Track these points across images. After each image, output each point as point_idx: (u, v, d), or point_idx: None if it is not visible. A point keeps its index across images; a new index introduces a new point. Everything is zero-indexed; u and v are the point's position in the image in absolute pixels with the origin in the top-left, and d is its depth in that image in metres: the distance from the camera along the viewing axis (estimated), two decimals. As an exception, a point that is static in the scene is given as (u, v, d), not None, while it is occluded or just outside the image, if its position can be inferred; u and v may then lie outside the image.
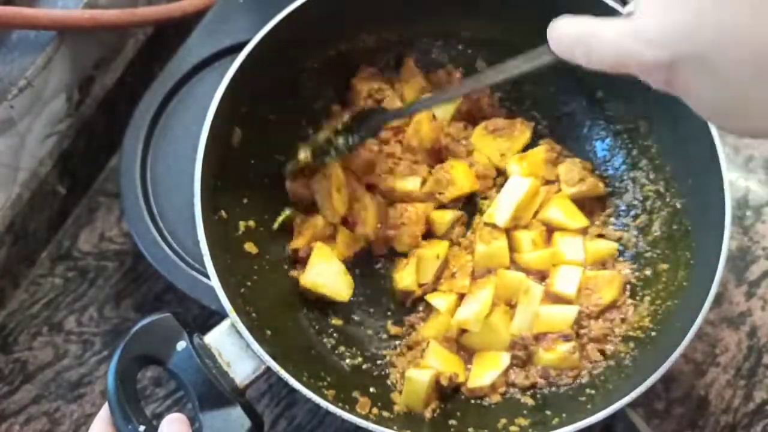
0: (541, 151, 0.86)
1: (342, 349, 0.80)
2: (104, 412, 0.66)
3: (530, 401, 0.77)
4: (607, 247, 0.84)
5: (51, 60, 0.86)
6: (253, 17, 0.92)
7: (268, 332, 0.72)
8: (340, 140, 0.83)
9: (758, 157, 0.96)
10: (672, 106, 0.77)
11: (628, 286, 0.81)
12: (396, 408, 0.76)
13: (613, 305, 0.81)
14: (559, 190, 0.85)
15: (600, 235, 0.85)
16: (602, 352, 0.78)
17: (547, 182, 0.86)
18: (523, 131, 0.88)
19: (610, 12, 0.79)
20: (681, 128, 0.76)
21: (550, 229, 0.84)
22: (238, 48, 0.78)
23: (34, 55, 0.84)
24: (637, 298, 0.80)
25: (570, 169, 0.85)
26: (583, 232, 0.85)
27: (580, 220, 0.85)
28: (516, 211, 0.82)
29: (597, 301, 0.80)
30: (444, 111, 0.89)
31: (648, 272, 0.81)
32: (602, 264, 0.83)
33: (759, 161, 0.96)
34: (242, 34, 0.87)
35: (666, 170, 0.82)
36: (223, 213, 0.77)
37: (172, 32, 0.97)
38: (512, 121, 0.88)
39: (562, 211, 0.84)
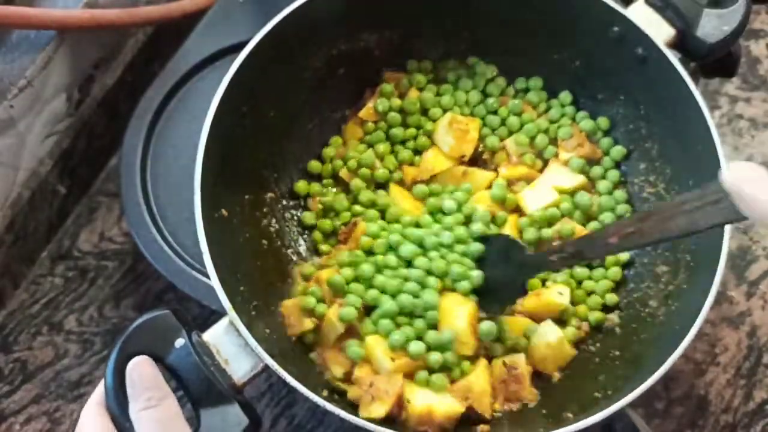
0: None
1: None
2: (96, 395, 0.65)
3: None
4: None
5: (51, 60, 0.86)
6: (253, 17, 0.92)
7: (267, 330, 0.72)
8: None
9: (758, 157, 0.96)
10: (672, 108, 0.78)
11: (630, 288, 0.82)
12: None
13: None
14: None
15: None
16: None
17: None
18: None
19: (610, 12, 0.79)
20: (681, 130, 0.76)
21: None
22: (238, 48, 0.78)
23: (34, 55, 0.84)
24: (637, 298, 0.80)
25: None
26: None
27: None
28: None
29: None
30: None
31: (647, 274, 0.81)
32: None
33: (759, 161, 0.96)
34: (242, 34, 0.87)
35: (666, 172, 0.82)
36: (224, 212, 0.77)
37: (172, 32, 0.97)
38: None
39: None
